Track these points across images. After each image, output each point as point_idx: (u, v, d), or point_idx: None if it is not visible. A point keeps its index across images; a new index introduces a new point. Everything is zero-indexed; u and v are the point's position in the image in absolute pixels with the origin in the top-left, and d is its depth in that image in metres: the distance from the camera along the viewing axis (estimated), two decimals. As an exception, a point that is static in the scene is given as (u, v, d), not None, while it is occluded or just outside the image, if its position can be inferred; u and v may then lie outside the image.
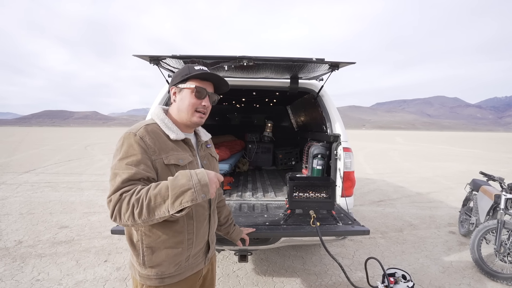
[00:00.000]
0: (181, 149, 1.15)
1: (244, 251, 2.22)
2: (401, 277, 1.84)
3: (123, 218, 0.93)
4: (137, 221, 0.92)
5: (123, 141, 1.04)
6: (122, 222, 0.94)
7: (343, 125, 2.72)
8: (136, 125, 1.11)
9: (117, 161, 1.01)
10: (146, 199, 0.91)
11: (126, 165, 0.99)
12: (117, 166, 1.00)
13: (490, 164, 12.04)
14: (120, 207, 0.93)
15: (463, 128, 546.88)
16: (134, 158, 1.01)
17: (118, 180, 0.97)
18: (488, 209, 3.28)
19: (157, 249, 1.09)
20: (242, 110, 5.86)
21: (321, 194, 2.18)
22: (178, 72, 1.19)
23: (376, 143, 27.26)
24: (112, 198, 0.95)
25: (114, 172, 1.00)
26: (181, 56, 2.14)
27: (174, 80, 1.18)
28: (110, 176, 1.01)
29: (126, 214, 0.92)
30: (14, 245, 3.46)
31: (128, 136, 1.04)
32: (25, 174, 8.25)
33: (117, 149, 1.04)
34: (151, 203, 0.91)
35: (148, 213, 0.91)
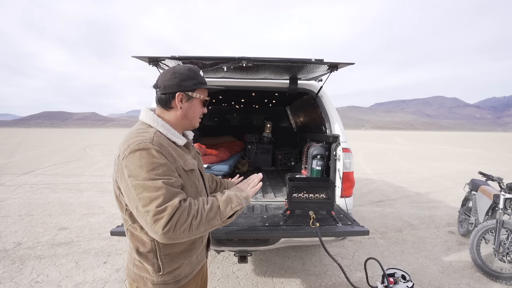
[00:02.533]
0: (185, 153, 1.14)
1: (243, 252, 2.22)
2: (401, 277, 1.84)
3: (178, 229, 0.88)
4: (191, 233, 0.92)
5: (139, 152, 0.93)
6: (175, 234, 0.88)
7: (342, 126, 2.72)
8: (142, 133, 1.00)
9: (146, 174, 0.90)
10: (205, 210, 0.96)
11: (160, 176, 0.92)
12: (150, 177, 0.90)
13: (489, 164, 12.07)
14: (179, 216, 0.89)
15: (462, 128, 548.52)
16: (164, 167, 0.94)
17: (163, 189, 0.89)
18: (487, 209, 3.29)
19: (176, 254, 1.07)
20: (242, 111, 5.87)
21: (320, 194, 2.18)
22: (184, 77, 1.08)
23: (375, 143, 27.29)
24: (169, 207, 0.87)
25: (149, 183, 0.89)
26: (180, 57, 2.14)
27: (182, 86, 1.07)
28: (138, 189, 0.89)
29: (184, 225, 0.89)
30: (13, 247, 3.45)
31: (146, 146, 0.94)
32: (24, 176, 8.23)
33: (134, 163, 0.92)
34: (209, 213, 0.96)
35: (205, 223, 0.95)
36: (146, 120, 1.08)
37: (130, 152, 0.94)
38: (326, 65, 2.25)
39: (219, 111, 5.78)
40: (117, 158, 0.99)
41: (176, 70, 1.08)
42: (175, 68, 1.09)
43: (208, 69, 2.39)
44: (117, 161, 0.98)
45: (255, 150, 5.24)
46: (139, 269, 1.09)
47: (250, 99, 4.60)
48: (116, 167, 0.99)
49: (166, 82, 1.07)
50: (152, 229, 0.88)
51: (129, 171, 0.92)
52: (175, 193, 0.92)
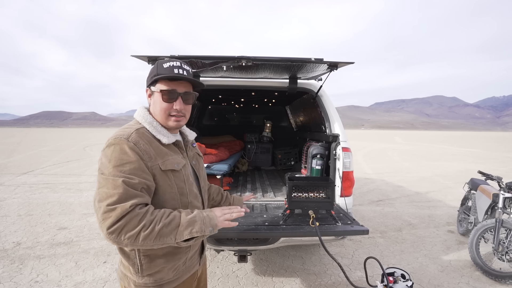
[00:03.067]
0: (173, 152, 1.10)
1: (243, 252, 2.22)
2: (400, 276, 1.84)
3: (123, 235, 0.85)
4: (137, 243, 0.87)
5: (113, 147, 0.93)
6: (119, 239, 0.85)
7: (342, 125, 2.72)
8: (124, 129, 1.01)
9: (112, 169, 0.90)
10: (160, 224, 0.89)
11: (124, 173, 0.90)
12: (113, 173, 0.89)
13: (488, 163, 12.09)
14: (127, 222, 0.85)
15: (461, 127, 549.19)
16: (131, 165, 0.92)
17: (120, 187, 0.87)
18: (486, 208, 3.30)
19: (156, 256, 1.04)
20: (241, 110, 5.86)
21: (320, 194, 2.18)
22: (150, 72, 1.09)
23: (375, 142, 27.31)
24: (118, 208, 0.85)
25: (111, 179, 0.88)
26: (180, 57, 2.14)
27: (147, 82, 1.09)
28: (100, 182, 0.89)
29: (130, 232, 0.85)
30: (13, 246, 3.44)
31: (120, 142, 0.94)
32: (23, 175, 8.22)
33: (106, 156, 0.92)
34: (163, 228, 0.89)
35: (156, 238, 0.88)
36: (137, 116, 1.09)
37: (106, 145, 0.95)
38: (326, 65, 2.25)
39: (218, 111, 5.78)
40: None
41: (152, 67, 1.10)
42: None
43: (207, 68, 2.39)
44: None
45: (255, 150, 5.24)
46: (124, 268, 1.08)
47: (250, 99, 4.59)
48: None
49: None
50: (100, 226, 0.86)
51: (100, 164, 0.94)
52: (133, 195, 0.88)
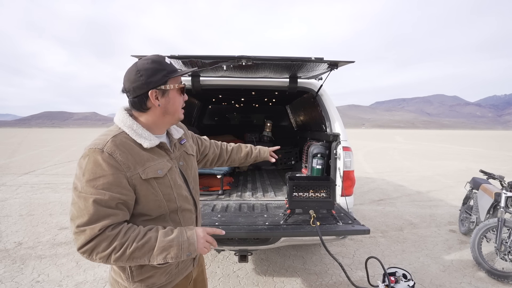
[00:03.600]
0: (157, 156, 1.03)
1: (244, 251, 2.21)
2: (402, 276, 1.84)
3: (94, 256, 0.85)
4: (109, 262, 0.86)
5: (87, 158, 0.88)
6: (91, 258, 0.85)
7: (342, 124, 2.71)
8: (100, 137, 0.94)
9: (85, 183, 0.85)
10: (132, 247, 0.86)
11: (96, 189, 0.85)
12: (85, 189, 0.85)
13: (490, 162, 12.05)
14: (97, 244, 0.84)
15: (462, 126, 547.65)
16: (105, 179, 0.87)
17: (91, 207, 0.84)
18: (488, 207, 3.28)
19: (148, 266, 1.01)
20: (241, 110, 5.86)
21: (321, 193, 2.17)
22: (151, 71, 0.97)
23: (375, 142, 27.26)
24: (87, 230, 0.83)
25: (83, 196, 0.85)
26: (180, 56, 2.13)
27: (152, 82, 0.97)
28: (73, 199, 0.86)
29: (101, 254, 0.84)
30: (14, 246, 3.45)
31: (94, 153, 0.88)
32: (24, 176, 8.24)
33: (80, 168, 0.88)
34: (136, 252, 0.87)
35: (128, 259, 0.87)
36: (116, 121, 1.00)
37: (81, 156, 0.90)
38: (326, 64, 2.24)
39: (219, 110, 5.77)
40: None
41: (140, 67, 0.97)
42: (137, 65, 0.97)
43: (208, 68, 2.38)
44: None
45: (256, 149, 5.23)
46: (115, 274, 1.05)
47: (250, 98, 4.59)
48: None
49: (134, 84, 0.96)
50: (74, 242, 0.86)
51: (75, 176, 0.89)
52: (104, 215, 0.85)
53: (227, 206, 2.63)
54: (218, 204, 2.68)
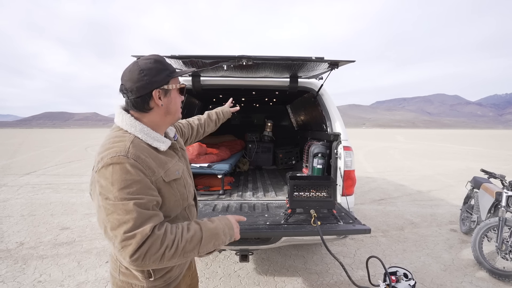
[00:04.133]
0: (170, 157, 1.04)
1: (245, 251, 2.22)
2: (403, 276, 1.84)
3: (147, 260, 0.81)
4: (162, 263, 0.84)
5: (112, 167, 0.84)
6: (143, 263, 0.81)
7: (343, 124, 2.71)
8: (117, 144, 0.90)
9: (117, 192, 0.82)
10: (182, 241, 0.86)
11: (132, 195, 0.83)
12: (120, 197, 0.82)
13: (491, 161, 12.02)
14: (150, 246, 0.81)
15: (463, 125, 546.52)
16: (138, 185, 0.85)
17: (133, 211, 0.81)
18: (489, 206, 3.27)
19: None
20: (242, 109, 5.84)
21: (321, 193, 2.17)
22: (154, 71, 0.96)
23: (376, 141, 27.24)
24: (138, 234, 0.79)
25: (119, 204, 0.81)
26: (180, 56, 2.14)
27: (156, 82, 0.96)
28: (108, 209, 0.82)
29: (155, 255, 0.81)
30: (16, 246, 3.46)
31: (120, 161, 0.85)
32: (26, 176, 8.26)
33: (106, 178, 0.83)
34: (187, 245, 0.87)
35: (180, 255, 0.86)
36: (122, 125, 0.96)
37: (103, 165, 0.85)
38: (327, 63, 2.24)
39: None
40: (92, 170, 0.90)
41: (143, 67, 0.95)
42: (139, 65, 0.95)
43: (208, 68, 2.39)
44: (92, 174, 0.90)
45: (256, 149, 5.23)
46: (126, 276, 1.02)
47: (250, 98, 4.59)
48: (91, 179, 0.90)
49: (137, 83, 0.94)
50: (120, 254, 0.81)
51: (100, 187, 0.84)
52: (148, 217, 0.83)
53: (228, 206, 2.63)
54: (219, 204, 2.69)
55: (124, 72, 0.98)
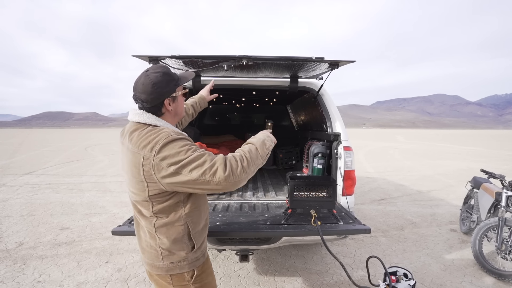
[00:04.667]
0: None
1: (245, 251, 2.21)
2: (403, 276, 1.84)
3: (235, 172, 1.05)
4: (246, 173, 1.09)
5: (172, 143, 1.06)
6: (235, 176, 1.04)
7: (343, 124, 2.71)
8: (163, 130, 1.11)
9: (186, 153, 1.04)
10: (247, 154, 1.13)
11: (194, 149, 1.07)
12: (190, 154, 1.04)
13: (490, 161, 12.03)
14: (230, 163, 1.06)
15: (463, 126, 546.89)
16: (194, 145, 1.10)
17: (204, 155, 1.05)
18: (489, 206, 3.27)
19: (200, 231, 1.26)
20: (242, 109, 5.86)
21: (322, 193, 2.17)
22: (164, 83, 1.16)
23: (376, 141, 27.25)
24: (217, 160, 1.05)
25: (191, 157, 1.03)
26: (180, 56, 2.14)
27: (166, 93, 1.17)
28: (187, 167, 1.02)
29: (238, 168, 1.06)
30: (15, 247, 3.46)
31: (174, 138, 1.07)
32: (25, 176, 8.25)
33: (170, 150, 1.04)
34: (251, 155, 1.14)
35: (252, 163, 1.12)
36: (151, 121, 1.15)
37: (161, 146, 1.04)
38: (327, 63, 2.24)
39: (219, 110, 5.77)
40: (144, 160, 1.06)
41: (154, 80, 1.13)
42: (151, 79, 1.13)
43: (208, 68, 2.39)
44: (146, 162, 1.05)
45: (256, 149, 5.23)
46: (171, 258, 1.19)
47: (250, 98, 4.59)
48: (148, 166, 1.05)
49: (151, 95, 1.14)
50: (214, 182, 1.02)
51: (170, 159, 1.03)
52: (213, 154, 1.09)
53: (228, 206, 2.63)
54: (219, 204, 2.68)
55: (137, 84, 1.15)
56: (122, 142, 1.20)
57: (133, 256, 3.22)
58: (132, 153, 1.09)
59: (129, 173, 1.13)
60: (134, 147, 1.08)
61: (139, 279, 2.75)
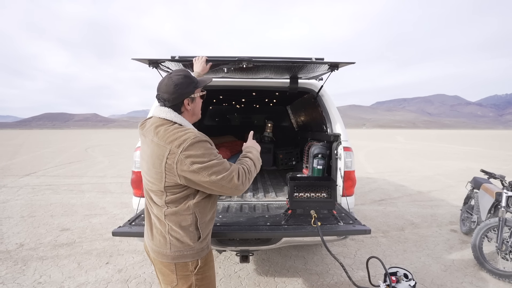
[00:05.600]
0: None
1: (245, 252, 2.22)
2: (403, 276, 1.84)
3: (244, 182, 1.26)
4: (250, 181, 1.31)
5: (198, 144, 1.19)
6: (244, 185, 1.26)
7: (343, 125, 2.71)
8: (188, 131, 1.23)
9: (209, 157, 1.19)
10: (250, 166, 1.35)
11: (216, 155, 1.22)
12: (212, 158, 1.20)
13: (491, 162, 12.03)
14: (242, 173, 1.26)
15: (463, 126, 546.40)
16: (215, 150, 1.25)
17: (223, 163, 1.23)
18: (489, 207, 3.28)
19: (206, 222, 1.34)
20: (242, 110, 5.86)
21: (322, 194, 2.18)
22: (185, 85, 1.29)
23: (376, 142, 27.25)
24: (233, 171, 1.23)
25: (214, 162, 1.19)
26: (180, 59, 2.14)
27: (186, 93, 1.30)
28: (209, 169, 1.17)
29: (246, 179, 1.27)
30: (16, 248, 3.46)
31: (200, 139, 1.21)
32: (26, 177, 8.26)
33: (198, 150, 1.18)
34: (252, 167, 1.36)
35: (253, 173, 1.34)
36: (177, 120, 1.28)
37: (189, 144, 1.16)
38: (327, 65, 2.24)
39: (219, 111, 5.78)
40: (170, 154, 1.17)
41: (176, 82, 1.27)
42: (173, 80, 1.27)
43: (208, 70, 2.39)
44: (171, 156, 1.17)
45: (256, 150, 5.23)
46: (178, 246, 1.26)
47: (250, 99, 4.59)
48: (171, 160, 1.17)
49: (173, 95, 1.27)
50: (228, 187, 1.21)
51: (195, 158, 1.16)
52: (229, 163, 1.26)
53: (228, 206, 2.64)
54: (219, 204, 2.69)
55: (160, 85, 1.30)
56: (143, 134, 1.31)
57: (134, 257, 3.22)
58: (158, 145, 1.19)
59: (149, 163, 1.22)
60: (161, 140, 1.19)
61: (140, 280, 2.75)
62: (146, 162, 1.26)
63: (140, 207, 2.45)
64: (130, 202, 5.26)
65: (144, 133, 1.31)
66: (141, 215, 2.24)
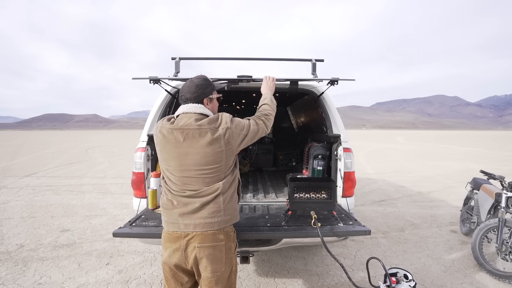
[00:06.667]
0: None
1: (246, 253, 2.22)
2: (403, 277, 1.84)
3: (267, 123, 1.63)
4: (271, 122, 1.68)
5: (234, 119, 1.51)
6: (267, 126, 1.63)
7: (343, 126, 2.72)
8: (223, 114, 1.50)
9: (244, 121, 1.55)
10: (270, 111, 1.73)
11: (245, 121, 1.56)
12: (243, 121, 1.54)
13: (490, 162, 12.04)
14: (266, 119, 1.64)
15: (463, 126, 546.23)
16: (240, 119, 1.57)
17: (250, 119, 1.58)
18: (489, 207, 3.28)
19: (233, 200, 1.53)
20: (242, 111, 5.87)
21: (322, 194, 2.18)
22: (204, 86, 1.53)
23: (376, 142, 27.25)
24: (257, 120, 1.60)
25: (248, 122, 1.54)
26: (180, 78, 2.26)
27: (205, 93, 1.53)
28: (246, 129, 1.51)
29: (268, 121, 1.65)
30: (16, 249, 3.46)
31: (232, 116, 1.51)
32: (26, 178, 8.26)
33: (239, 123, 1.49)
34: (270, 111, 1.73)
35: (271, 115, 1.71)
36: (208, 113, 1.50)
37: (231, 119, 1.47)
38: (327, 81, 2.32)
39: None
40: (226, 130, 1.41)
41: (197, 83, 1.52)
42: (194, 82, 1.52)
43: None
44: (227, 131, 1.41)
45: (256, 151, 5.24)
46: (229, 209, 1.46)
47: (251, 100, 4.60)
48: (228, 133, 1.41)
49: (194, 94, 1.49)
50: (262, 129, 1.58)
51: (238, 126, 1.48)
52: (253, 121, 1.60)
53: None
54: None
55: (184, 87, 1.53)
56: (180, 130, 1.40)
57: (134, 258, 3.22)
58: (209, 130, 1.37)
59: (200, 153, 1.38)
60: (210, 126, 1.38)
61: (140, 281, 2.75)
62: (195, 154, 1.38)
63: (140, 208, 2.45)
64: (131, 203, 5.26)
65: (179, 129, 1.40)
66: (141, 216, 2.24)
